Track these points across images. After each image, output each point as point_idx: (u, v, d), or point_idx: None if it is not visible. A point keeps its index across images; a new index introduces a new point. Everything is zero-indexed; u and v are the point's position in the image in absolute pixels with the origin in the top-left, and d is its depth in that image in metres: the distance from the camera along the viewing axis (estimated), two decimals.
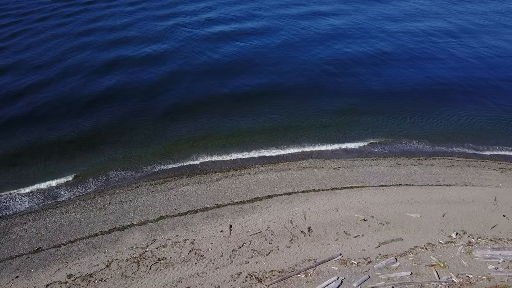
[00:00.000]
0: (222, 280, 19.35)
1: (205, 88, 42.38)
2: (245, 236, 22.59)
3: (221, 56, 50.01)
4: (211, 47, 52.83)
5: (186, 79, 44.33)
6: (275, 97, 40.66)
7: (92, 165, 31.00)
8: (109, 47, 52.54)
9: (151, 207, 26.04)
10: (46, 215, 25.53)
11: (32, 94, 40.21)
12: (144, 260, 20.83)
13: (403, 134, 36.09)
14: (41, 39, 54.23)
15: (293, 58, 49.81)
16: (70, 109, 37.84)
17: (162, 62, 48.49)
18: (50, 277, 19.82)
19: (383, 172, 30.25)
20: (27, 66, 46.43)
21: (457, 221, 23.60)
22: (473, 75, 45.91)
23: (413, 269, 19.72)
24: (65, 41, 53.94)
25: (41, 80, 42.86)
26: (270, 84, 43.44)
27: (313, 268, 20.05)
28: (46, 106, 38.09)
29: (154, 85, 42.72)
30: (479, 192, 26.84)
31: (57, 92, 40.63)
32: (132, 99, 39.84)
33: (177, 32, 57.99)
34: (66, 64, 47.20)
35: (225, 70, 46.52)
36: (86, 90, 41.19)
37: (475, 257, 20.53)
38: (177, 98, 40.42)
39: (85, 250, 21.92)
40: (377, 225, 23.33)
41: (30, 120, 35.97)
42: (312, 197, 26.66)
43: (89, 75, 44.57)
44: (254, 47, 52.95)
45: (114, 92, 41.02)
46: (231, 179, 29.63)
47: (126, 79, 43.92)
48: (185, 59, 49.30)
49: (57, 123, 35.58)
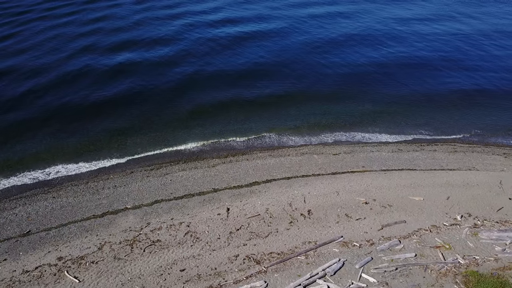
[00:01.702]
0: (219, 262, 18.57)
1: (205, 77, 41.75)
2: (243, 219, 21.80)
3: (216, 44, 49.34)
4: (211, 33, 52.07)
5: (182, 66, 43.61)
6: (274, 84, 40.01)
7: (86, 152, 30.13)
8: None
9: (146, 191, 25.22)
10: (37, 199, 24.68)
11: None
12: (137, 242, 20.02)
13: (404, 121, 35.35)
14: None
15: (290, 44, 49.15)
16: (68, 94, 37.11)
17: (163, 46, 47.84)
18: (40, 259, 18.99)
19: (384, 157, 29.50)
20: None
21: (461, 204, 22.86)
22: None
23: (417, 250, 18.95)
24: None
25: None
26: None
27: (314, 250, 19.27)
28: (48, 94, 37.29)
29: (152, 70, 41.99)
30: (483, 176, 26.12)
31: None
32: (129, 87, 39.03)
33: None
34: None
35: (225, 55, 45.98)
36: (83, 78, 40.39)
37: (481, 238, 19.79)
38: (174, 84, 39.82)
39: (76, 233, 21.09)
40: (379, 208, 22.57)
41: (26, 109, 35.04)
42: (312, 181, 25.88)
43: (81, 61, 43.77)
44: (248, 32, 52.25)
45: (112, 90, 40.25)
46: (228, 164, 28.83)
47: (124, 65, 43.14)
48: (180, 46, 48.53)
49: (53, 111, 34.66)
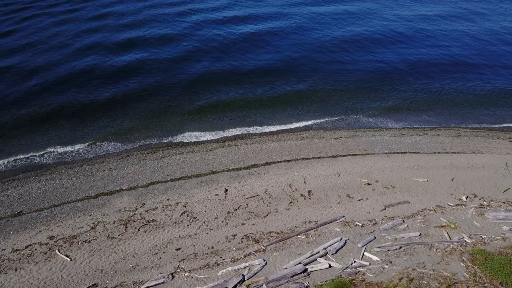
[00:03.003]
0: (216, 241, 17.90)
1: (203, 64, 40.95)
2: (241, 199, 21.12)
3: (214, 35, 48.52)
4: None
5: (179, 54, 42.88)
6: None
7: (82, 136, 29.41)
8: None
9: (142, 173, 24.54)
10: (30, 181, 23.98)
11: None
12: (132, 222, 19.35)
13: (407, 107, 34.69)
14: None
15: (291, 40, 48.34)
16: (66, 80, 36.32)
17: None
18: (30, 238, 18.32)
19: (387, 141, 28.81)
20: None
21: (467, 185, 22.19)
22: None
23: (421, 230, 18.27)
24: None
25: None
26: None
27: (314, 230, 18.60)
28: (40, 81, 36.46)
29: (147, 62, 41.21)
30: (488, 158, 25.45)
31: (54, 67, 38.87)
32: (123, 76, 38.19)
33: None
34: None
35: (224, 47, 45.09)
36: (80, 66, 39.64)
37: (488, 218, 19.11)
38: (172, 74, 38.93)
39: (69, 213, 20.41)
40: (382, 189, 21.89)
41: (27, 102, 34.19)
42: (312, 163, 25.21)
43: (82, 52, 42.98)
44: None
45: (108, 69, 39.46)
46: (227, 148, 28.14)
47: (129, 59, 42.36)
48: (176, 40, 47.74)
49: (49, 97, 33.86)
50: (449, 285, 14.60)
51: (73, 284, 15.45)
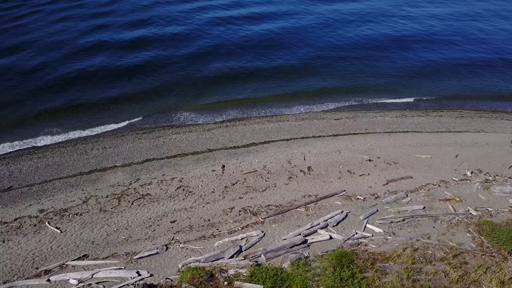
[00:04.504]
0: (212, 214, 17.25)
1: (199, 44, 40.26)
2: (239, 174, 20.46)
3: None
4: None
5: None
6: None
7: (78, 117, 28.56)
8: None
9: (137, 151, 23.84)
10: (22, 160, 23.22)
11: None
12: (126, 196, 18.67)
13: (408, 91, 33.94)
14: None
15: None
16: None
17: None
18: (20, 212, 17.64)
19: (388, 121, 28.14)
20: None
21: (471, 161, 21.56)
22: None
23: (425, 203, 17.66)
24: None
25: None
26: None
27: (314, 203, 17.95)
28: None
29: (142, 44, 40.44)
30: (493, 137, 24.83)
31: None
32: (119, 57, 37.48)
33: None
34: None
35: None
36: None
37: (494, 192, 18.53)
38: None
39: (61, 188, 19.73)
40: (384, 165, 21.25)
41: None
42: (312, 142, 24.55)
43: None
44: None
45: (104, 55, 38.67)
46: (224, 129, 27.42)
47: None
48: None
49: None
50: (456, 255, 13.98)
51: (63, 255, 14.79)
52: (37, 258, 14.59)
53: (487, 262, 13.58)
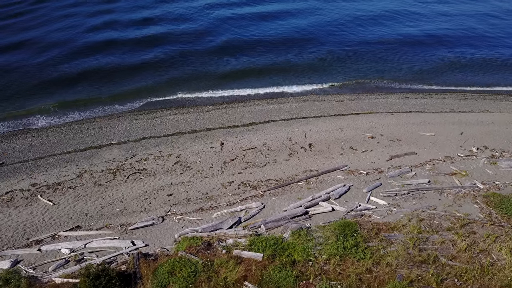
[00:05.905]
0: (211, 188, 16.70)
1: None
2: (238, 151, 19.91)
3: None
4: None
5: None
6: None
7: (74, 99, 27.84)
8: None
9: (134, 131, 23.23)
10: (15, 138, 22.60)
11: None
12: (121, 171, 18.12)
13: (411, 77, 33.13)
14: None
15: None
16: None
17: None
18: (11, 185, 17.09)
19: (390, 103, 27.54)
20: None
21: (476, 138, 21.02)
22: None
23: (430, 177, 17.11)
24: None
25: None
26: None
27: (316, 177, 17.40)
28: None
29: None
30: (498, 116, 24.28)
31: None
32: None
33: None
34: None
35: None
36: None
37: (501, 167, 17.98)
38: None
39: (54, 164, 19.17)
40: (387, 142, 20.70)
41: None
42: (313, 121, 23.96)
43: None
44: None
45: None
46: (223, 110, 26.80)
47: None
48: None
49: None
50: (463, 225, 13.44)
51: (55, 226, 14.26)
52: (28, 229, 14.07)
53: (496, 232, 13.05)
